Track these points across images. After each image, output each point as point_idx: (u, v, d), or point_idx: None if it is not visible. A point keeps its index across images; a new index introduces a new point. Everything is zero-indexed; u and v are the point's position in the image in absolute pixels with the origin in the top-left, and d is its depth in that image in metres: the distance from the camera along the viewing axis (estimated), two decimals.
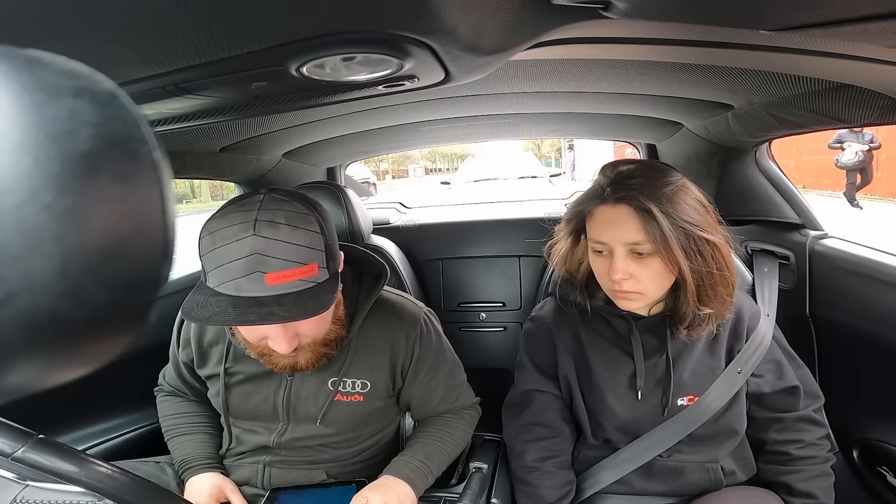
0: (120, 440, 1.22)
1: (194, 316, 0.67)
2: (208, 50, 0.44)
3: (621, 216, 0.79)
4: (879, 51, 0.53)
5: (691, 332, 0.85)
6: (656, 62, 0.76)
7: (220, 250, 0.68)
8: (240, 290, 0.67)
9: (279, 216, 0.70)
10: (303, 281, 0.70)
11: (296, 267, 0.69)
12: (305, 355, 0.81)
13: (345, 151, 1.63)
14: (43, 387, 0.17)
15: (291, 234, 0.69)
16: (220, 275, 0.68)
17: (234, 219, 0.69)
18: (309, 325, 0.77)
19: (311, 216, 0.73)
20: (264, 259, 0.67)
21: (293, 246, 0.69)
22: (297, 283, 0.69)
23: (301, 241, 0.70)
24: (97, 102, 0.16)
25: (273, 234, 0.68)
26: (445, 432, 0.96)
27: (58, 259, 0.15)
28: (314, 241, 0.72)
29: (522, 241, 1.62)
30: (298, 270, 0.69)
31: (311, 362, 0.83)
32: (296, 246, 0.69)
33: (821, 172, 10.05)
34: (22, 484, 0.63)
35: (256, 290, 0.67)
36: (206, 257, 0.70)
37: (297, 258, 0.69)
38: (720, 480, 0.90)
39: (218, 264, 0.68)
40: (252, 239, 0.67)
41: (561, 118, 1.33)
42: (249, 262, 0.67)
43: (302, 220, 0.71)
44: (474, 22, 0.43)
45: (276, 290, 0.68)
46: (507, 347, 1.68)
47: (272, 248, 0.68)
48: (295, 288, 0.69)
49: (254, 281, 0.67)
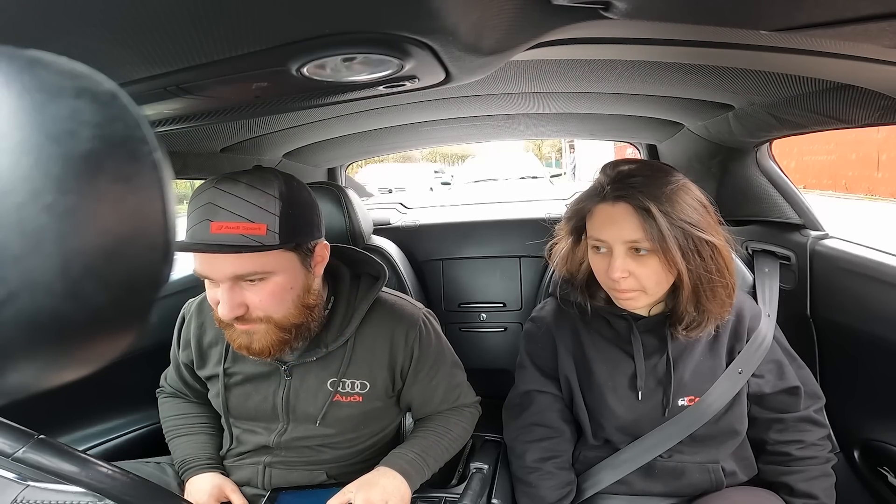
0: (121, 440, 1.22)
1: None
2: (209, 50, 0.44)
3: (620, 214, 0.79)
4: (880, 51, 0.53)
5: (690, 333, 0.85)
6: (657, 62, 0.76)
7: (190, 203, 0.74)
8: (192, 238, 0.72)
9: (243, 176, 0.74)
10: (245, 237, 0.71)
11: (241, 221, 0.71)
12: (261, 337, 0.79)
13: (345, 152, 1.63)
14: (44, 387, 0.17)
15: (247, 191, 0.73)
16: (186, 224, 0.73)
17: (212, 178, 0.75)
18: (257, 294, 0.76)
19: (273, 182, 0.75)
20: (214, 208, 0.71)
21: (244, 202, 0.72)
22: (239, 237, 0.71)
23: (254, 199, 0.72)
24: (98, 103, 0.16)
25: (229, 189, 0.72)
26: (444, 427, 0.96)
27: (59, 259, 0.15)
28: (268, 203, 0.73)
29: (523, 241, 1.62)
30: (243, 225, 0.71)
31: (266, 347, 0.80)
32: (247, 202, 0.72)
33: (821, 173, 10.05)
34: (23, 484, 0.63)
35: (202, 238, 0.70)
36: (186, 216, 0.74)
37: (245, 214, 0.71)
38: (721, 481, 0.90)
39: (187, 215, 0.73)
40: (211, 191, 0.73)
41: (561, 118, 1.33)
42: (202, 210, 0.72)
43: (262, 183, 0.74)
44: (475, 22, 0.43)
45: (217, 239, 0.70)
46: (508, 348, 1.68)
47: (224, 200, 0.72)
48: (236, 241, 0.71)
49: (203, 228, 0.71)
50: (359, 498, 0.78)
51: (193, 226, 0.72)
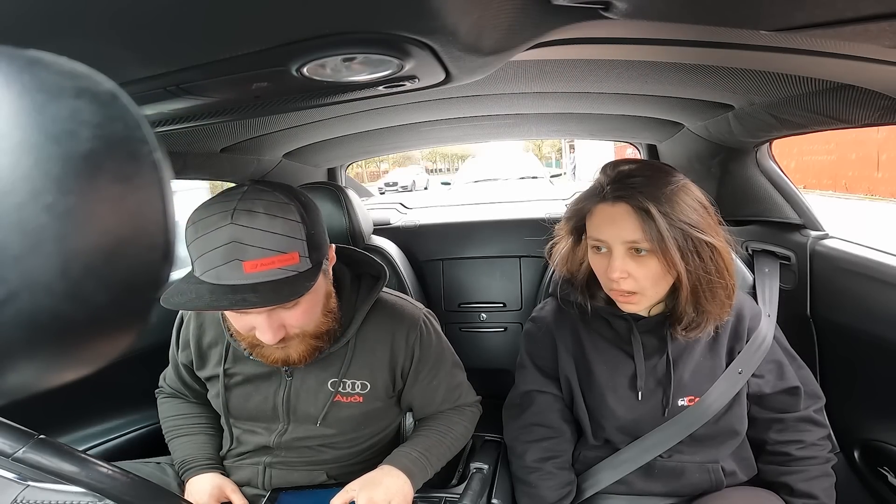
0: (121, 440, 1.22)
1: (171, 301, 0.68)
2: (209, 51, 0.44)
3: (620, 214, 0.79)
4: (880, 51, 0.53)
5: (689, 333, 0.85)
6: (657, 62, 0.76)
7: (201, 239, 0.69)
8: (220, 279, 0.68)
9: (258, 205, 0.70)
10: (282, 269, 0.70)
11: (274, 255, 0.69)
12: (297, 348, 0.81)
13: (345, 152, 1.63)
14: (44, 387, 0.17)
15: (269, 222, 0.70)
16: (203, 263, 0.69)
17: (216, 209, 0.70)
18: (294, 315, 0.76)
19: (290, 205, 0.73)
20: (241, 247, 0.68)
21: (271, 234, 0.70)
22: (276, 271, 0.70)
23: (279, 229, 0.70)
24: (98, 103, 0.16)
25: (250, 223, 0.69)
26: (447, 427, 0.96)
27: (59, 259, 0.15)
28: (293, 229, 0.72)
29: (523, 241, 1.62)
30: (277, 259, 0.69)
31: (303, 355, 0.82)
32: (273, 234, 0.70)
33: (821, 173, 10.05)
34: (23, 484, 0.63)
35: (235, 279, 0.68)
36: (191, 246, 0.71)
37: (276, 246, 0.70)
38: (721, 481, 0.90)
39: (201, 253, 0.69)
40: (230, 227, 0.68)
41: (561, 118, 1.33)
42: (228, 249, 0.68)
43: (281, 210, 0.72)
44: (475, 22, 0.43)
45: (253, 277, 0.68)
46: (508, 348, 1.68)
47: (249, 237, 0.68)
48: (273, 276, 0.69)
49: (232, 269, 0.68)
50: (362, 496, 0.78)
51: (218, 266, 0.68)
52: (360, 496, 0.78)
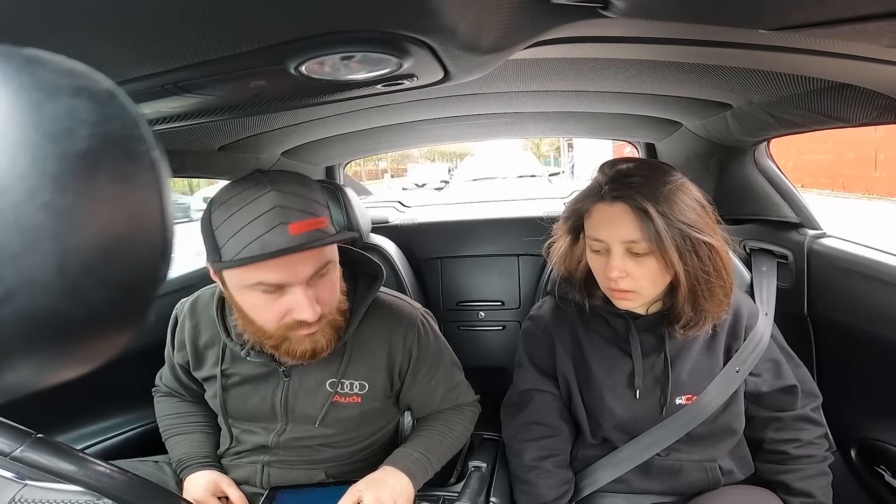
0: (118, 439, 1.22)
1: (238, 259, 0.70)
2: (207, 49, 0.44)
3: (618, 214, 0.79)
4: (879, 50, 0.54)
5: (687, 332, 0.85)
6: (655, 61, 0.76)
7: (241, 211, 0.71)
8: (265, 247, 0.69)
9: (286, 176, 0.75)
10: (319, 231, 0.74)
11: (312, 218, 0.73)
12: (319, 338, 0.82)
13: (344, 150, 1.63)
14: (41, 386, 0.17)
15: (303, 190, 0.75)
16: (243, 237, 0.70)
17: (247, 184, 0.73)
18: (326, 288, 0.79)
19: (309, 179, 0.79)
20: (286, 211, 0.70)
21: (307, 199, 0.74)
22: (316, 232, 0.73)
23: (311, 196, 0.75)
24: (95, 101, 0.16)
25: (289, 189, 0.73)
26: (446, 426, 0.96)
27: (56, 258, 0.15)
28: (319, 197, 0.77)
29: (521, 240, 1.62)
30: (315, 221, 0.73)
31: (324, 346, 0.82)
32: (309, 200, 0.74)
33: (819, 172, 10.06)
34: (20, 483, 0.63)
35: (282, 243, 0.69)
36: (225, 223, 0.71)
37: (313, 210, 0.74)
38: (718, 479, 0.90)
39: (237, 229, 0.70)
40: (272, 194, 0.71)
41: (560, 117, 1.33)
42: (272, 215, 0.70)
43: (307, 181, 0.78)
44: (473, 21, 0.43)
45: (298, 239, 0.70)
46: (506, 346, 1.68)
47: (291, 201, 0.72)
48: (314, 238, 0.72)
49: (276, 234, 0.69)
50: (368, 496, 0.78)
51: (263, 234, 0.69)
52: (367, 496, 0.78)
